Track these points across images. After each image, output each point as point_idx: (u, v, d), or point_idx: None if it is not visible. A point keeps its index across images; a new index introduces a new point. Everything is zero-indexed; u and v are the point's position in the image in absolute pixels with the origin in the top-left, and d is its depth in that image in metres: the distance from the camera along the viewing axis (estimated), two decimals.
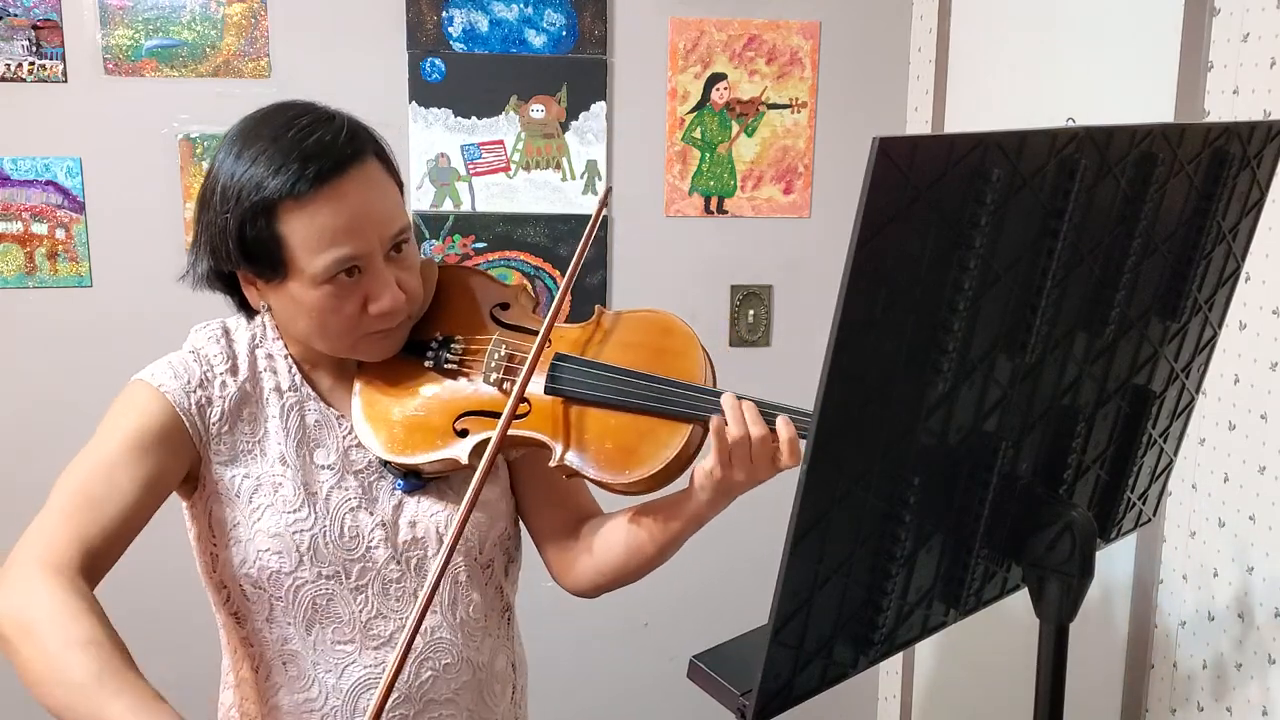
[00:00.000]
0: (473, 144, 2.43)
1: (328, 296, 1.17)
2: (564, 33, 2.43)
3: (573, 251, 2.50)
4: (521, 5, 2.40)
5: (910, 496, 0.93)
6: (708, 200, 2.54)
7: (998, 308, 0.91)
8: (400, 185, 1.24)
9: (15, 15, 2.24)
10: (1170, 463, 1.28)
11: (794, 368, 2.60)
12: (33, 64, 2.27)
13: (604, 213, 1.33)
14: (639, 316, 1.29)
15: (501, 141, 2.44)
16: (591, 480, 1.21)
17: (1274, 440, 1.54)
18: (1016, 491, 1.04)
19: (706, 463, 1.18)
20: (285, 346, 1.27)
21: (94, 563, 1.11)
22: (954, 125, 2.41)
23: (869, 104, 2.57)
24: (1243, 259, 1.17)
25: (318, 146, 1.13)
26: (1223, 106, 1.61)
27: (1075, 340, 1.02)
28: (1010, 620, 2.20)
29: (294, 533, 1.21)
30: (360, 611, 1.24)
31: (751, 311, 2.60)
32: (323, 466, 1.24)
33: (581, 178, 2.48)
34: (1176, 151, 1.00)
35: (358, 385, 1.26)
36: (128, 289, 2.37)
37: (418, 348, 1.27)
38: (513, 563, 1.38)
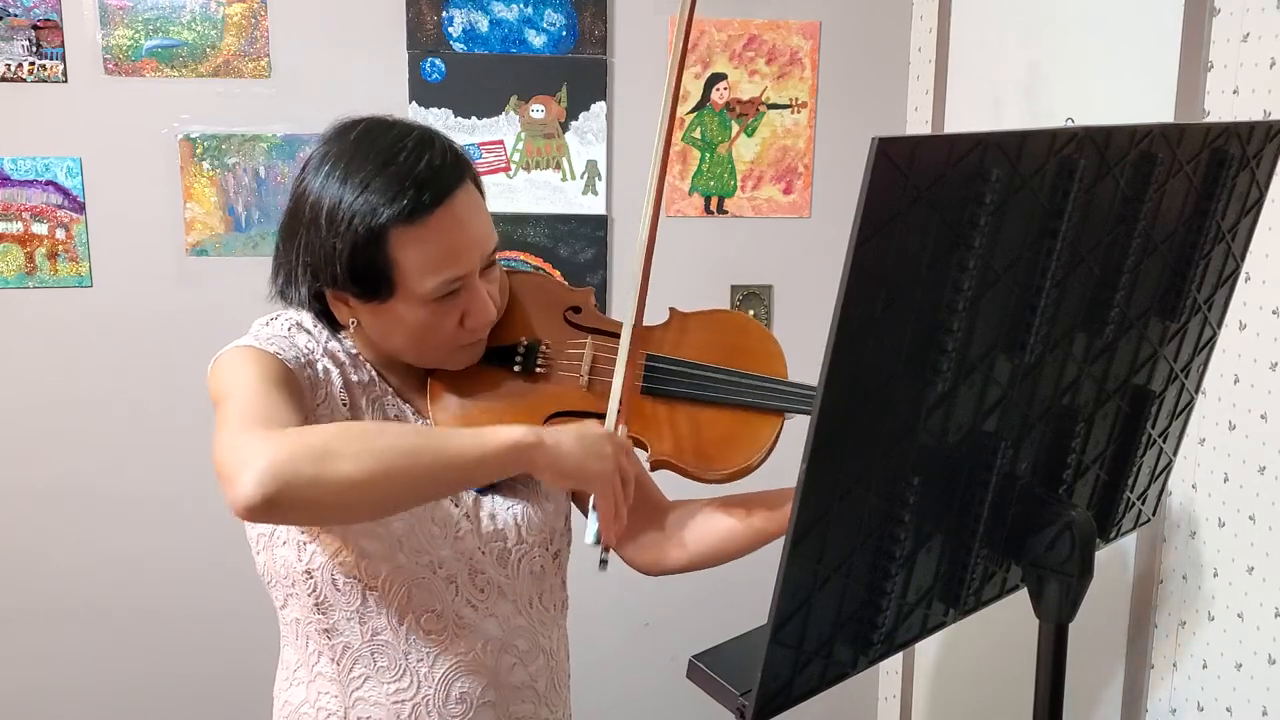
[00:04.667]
0: (473, 144, 2.44)
1: (432, 314, 1.20)
2: (564, 33, 2.43)
3: (573, 252, 2.50)
4: (521, 5, 2.40)
5: (910, 496, 0.93)
6: (708, 200, 2.54)
7: (997, 308, 0.91)
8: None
9: (15, 15, 2.24)
10: (1170, 463, 1.28)
11: (794, 368, 2.59)
12: (33, 64, 2.27)
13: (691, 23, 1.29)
14: (714, 317, 1.37)
15: (501, 141, 2.45)
16: (683, 472, 1.26)
17: (1274, 440, 1.54)
18: (1016, 491, 1.04)
19: None
20: (354, 344, 1.29)
21: None
22: (954, 125, 2.41)
23: (869, 104, 2.57)
24: (1242, 259, 1.17)
25: (429, 172, 1.16)
26: (1223, 106, 1.61)
27: (1075, 340, 1.02)
28: (1010, 620, 2.19)
29: (391, 520, 1.22)
30: (452, 600, 1.26)
31: (751, 311, 2.60)
32: None
33: (581, 178, 2.48)
34: (1176, 151, 1.00)
35: (434, 388, 1.28)
36: (128, 289, 2.37)
37: (500, 353, 1.30)
38: (566, 552, 1.41)
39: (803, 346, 2.64)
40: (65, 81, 2.29)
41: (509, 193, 2.47)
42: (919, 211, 0.80)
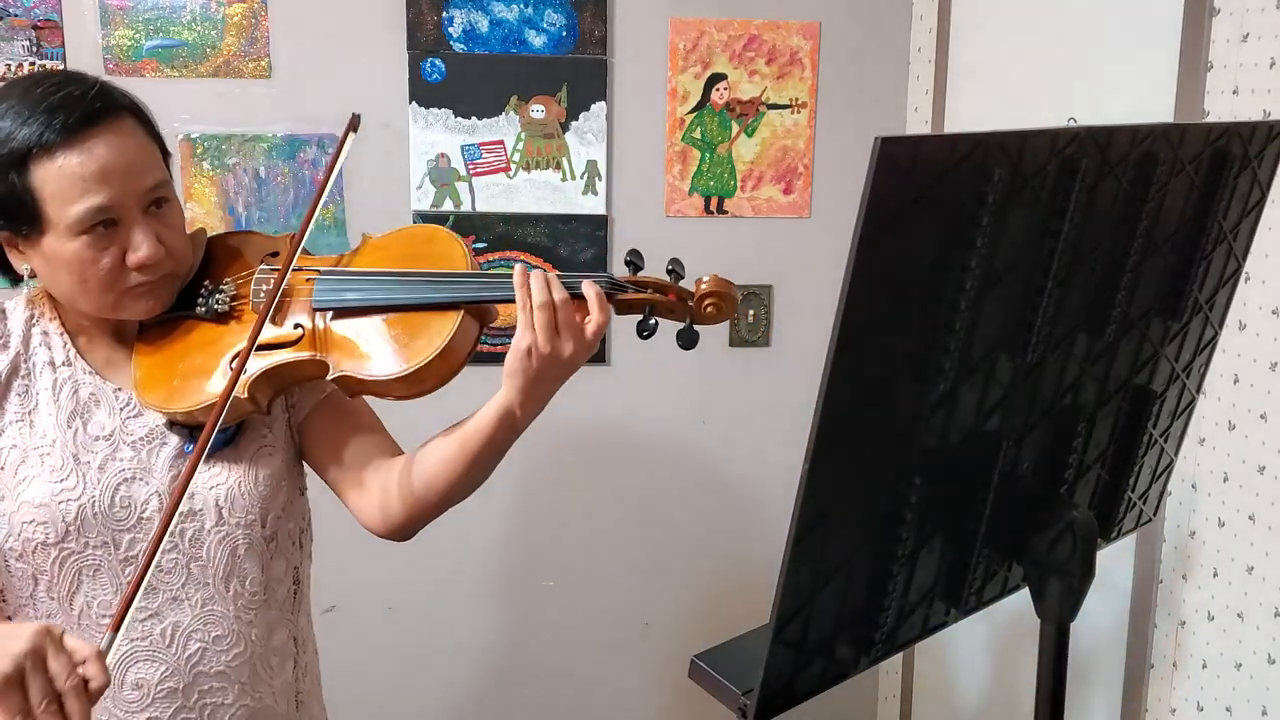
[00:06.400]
0: (473, 144, 2.43)
1: (85, 247, 1.18)
2: (564, 33, 2.43)
3: (572, 252, 2.50)
4: (521, 5, 2.40)
5: (912, 496, 0.93)
6: (708, 200, 2.54)
7: (999, 308, 0.91)
8: (164, 149, 1.28)
9: (15, 15, 2.24)
10: (1171, 463, 1.28)
11: (794, 368, 2.60)
12: (33, 64, 2.26)
13: (348, 141, 1.29)
14: (401, 232, 1.34)
15: (501, 142, 2.44)
16: (373, 384, 1.23)
17: (1274, 440, 1.54)
18: (1018, 491, 1.04)
19: (515, 340, 1.18)
20: (61, 324, 1.28)
21: None
22: (954, 125, 2.41)
23: (869, 104, 2.57)
24: (1243, 259, 1.17)
25: (64, 100, 1.17)
26: (1223, 106, 1.61)
27: (1076, 340, 1.02)
28: (1010, 620, 2.20)
29: (60, 502, 1.21)
30: (128, 584, 1.22)
31: (751, 311, 2.60)
32: (97, 438, 1.25)
33: (581, 178, 2.48)
34: (1177, 151, 1.00)
35: (137, 351, 1.28)
36: None
37: (189, 302, 1.29)
38: (305, 534, 1.38)
39: (803, 346, 2.66)
40: None
41: (509, 193, 2.47)
42: (921, 211, 0.80)
